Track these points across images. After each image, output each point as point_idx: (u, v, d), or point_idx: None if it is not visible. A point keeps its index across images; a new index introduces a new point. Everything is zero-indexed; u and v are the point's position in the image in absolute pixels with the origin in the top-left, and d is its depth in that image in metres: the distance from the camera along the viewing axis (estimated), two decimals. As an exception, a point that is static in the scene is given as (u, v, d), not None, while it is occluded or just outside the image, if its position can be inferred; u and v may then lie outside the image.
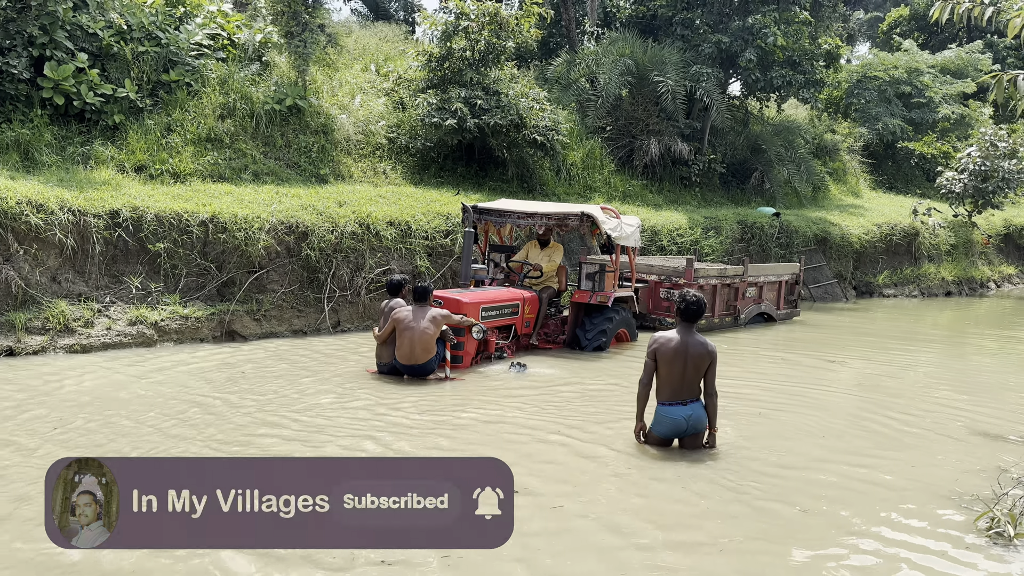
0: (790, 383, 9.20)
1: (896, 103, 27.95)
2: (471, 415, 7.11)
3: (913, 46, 30.59)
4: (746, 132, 22.23)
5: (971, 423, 7.56)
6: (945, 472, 6.02)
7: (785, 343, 12.41)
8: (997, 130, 22.38)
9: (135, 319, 9.74)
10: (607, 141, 19.78)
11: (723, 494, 5.33)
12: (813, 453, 6.37)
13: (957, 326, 16.06)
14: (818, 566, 4.35)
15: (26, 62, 11.69)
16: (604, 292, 10.53)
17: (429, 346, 8.28)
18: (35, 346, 8.98)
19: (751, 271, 13.78)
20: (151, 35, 13.34)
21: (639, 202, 18.44)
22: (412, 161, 16.17)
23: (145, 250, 10.29)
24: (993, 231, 24.35)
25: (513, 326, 10.06)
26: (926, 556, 4.53)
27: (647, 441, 6.27)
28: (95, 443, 5.95)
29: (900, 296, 20.57)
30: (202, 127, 13.25)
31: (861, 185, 27.17)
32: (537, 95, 16.61)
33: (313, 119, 14.85)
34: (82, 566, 4.03)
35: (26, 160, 11.40)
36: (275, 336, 10.83)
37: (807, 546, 4.60)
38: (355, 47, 19.83)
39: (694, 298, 6.14)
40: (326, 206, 11.98)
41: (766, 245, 18.52)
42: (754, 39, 19.34)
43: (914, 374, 10.21)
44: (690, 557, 4.39)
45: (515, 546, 4.42)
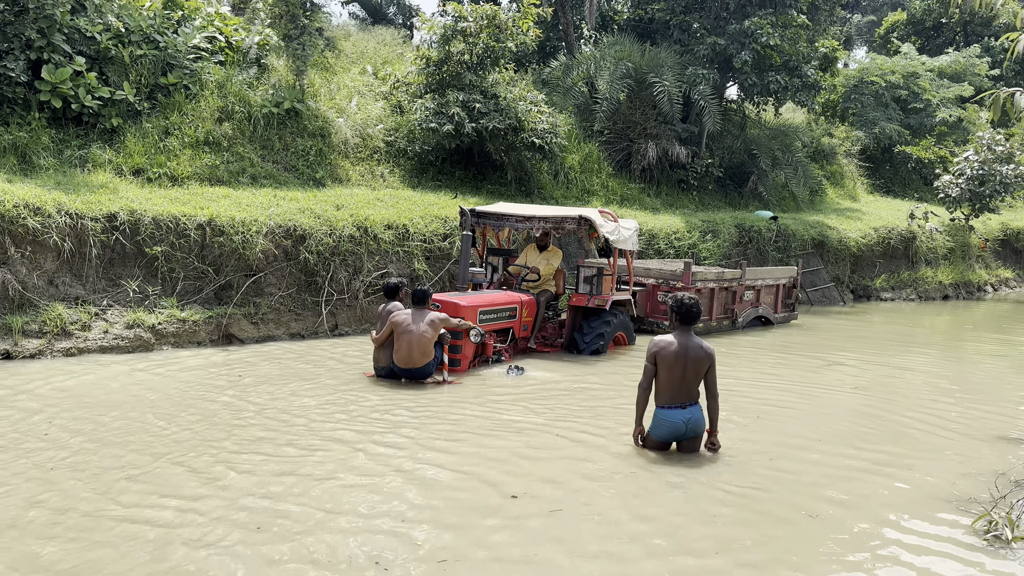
0: (788, 386, 9.20)
1: (893, 107, 28.02)
2: (468, 419, 7.10)
3: (911, 50, 30.67)
4: (743, 136, 22.27)
5: (968, 426, 7.57)
6: (943, 475, 6.02)
7: (783, 346, 12.41)
8: (994, 134, 22.44)
9: (132, 322, 9.73)
10: (605, 145, 19.82)
11: (723, 498, 5.32)
12: (812, 456, 6.37)
13: (954, 330, 16.08)
14: (817, 568, 4.34)
15: (23, 65, 11.68)
16: (602, 295, 10.53)
17: (427, 350, 8.28)
18: (32, 349, 8.96)
19: (748, 274, 13.80)
20: (149, 38, 13.35)
21: (637, 206, 18.46)
22: (410, 164, 16.18)
23: (142, 253, 10.28)
24: (990, 235, 24.41)
25: (511, 329, 10.06)
26: (924, 558, 4.52)
27: (645, 445, 6.27)
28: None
29: (897, 300, 20.59)
30: (200, 130, 13.25)
31: (859, 189, 27.22)
32: (535, 98, 16.63)
33: (311, 122, 14.86)
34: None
35: (23, 163, 11.39)
36: (273, 339, 10.81)
37: (806, 549, 4.60)
38: (353, 51, 19.85)
39: (690, 300, 6.15)
40: (324, 209, 11.98)
41: (763, 249, 18.54)
42: (750, 41, 19.39)
43: (911, 377, 10.21)
44: (692, 561, 4.38)
45: (515, 550, 4.41)
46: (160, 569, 4.06)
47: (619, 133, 20.12)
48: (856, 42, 42.10)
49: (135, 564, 4.10)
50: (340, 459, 5.83)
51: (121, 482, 5.22)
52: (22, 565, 4.06)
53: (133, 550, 4.24)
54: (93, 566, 4.07)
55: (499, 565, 4.23)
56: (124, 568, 4.06)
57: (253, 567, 4.11)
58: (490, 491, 5.27)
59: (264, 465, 5.64)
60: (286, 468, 5.60)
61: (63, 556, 4.16)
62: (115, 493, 5.03)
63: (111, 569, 4.05)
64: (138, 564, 4.10)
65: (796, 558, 4.47)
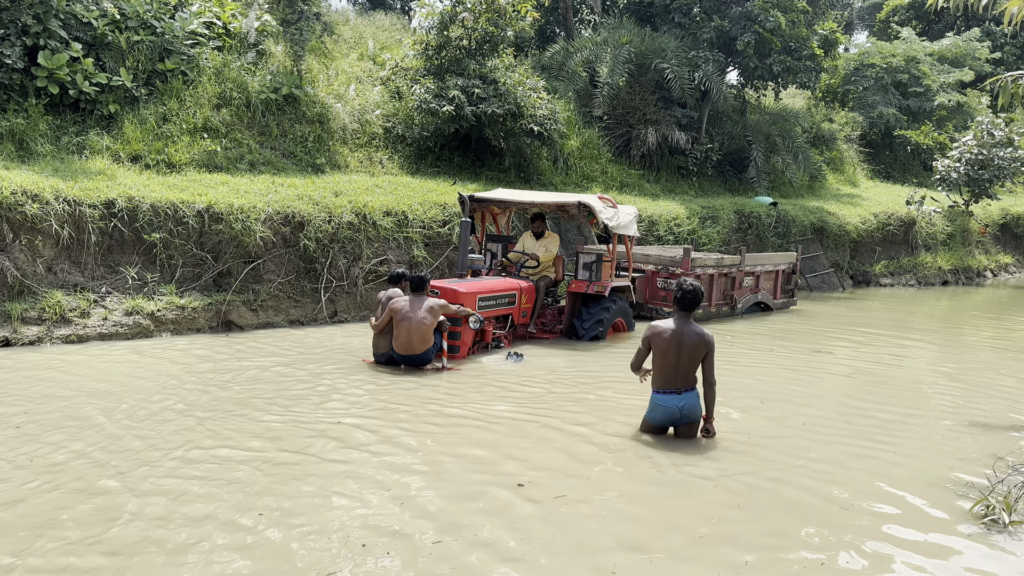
0: (786, 373, 9.21)
1: (893, 92, 27.92)
2: (466, 406, 7.11)
3: (911, 34, 30.51)
4: (743, 121, 22.20)
5: (967, 411, 7.59)
6: (941, 460, 6.04)
7: (782, 333, 12.42)
8: (994, 119, 22.38)
9: (132, 309, 9.73)
10: (604, 130, 19.75)
11: (722, 482, 5.34)
12: (809, 442, 6.38)
13: (953, 315, 16.09)
14: (812, 552, 4.36)
15: (20, 51, 11.62)
16: (601, 282, 10.53)
17: (426, 336, 8.29)
18: (31, 336, 8.97)
19: (748, 260, 13.78)
20: (146, 24, 13.27)
21: (636, 192, 18.42)
22: (408, 151, 16.13)
23: (141, 240, 10.26)
24: (990, 220, 24.38)
25: (510, 316, 10.07)
26: (921, 543, 4.54)
27: (642, 428, 6.30)
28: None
29: (897, 285, 20.59)
30: (197, 116, 13.20)
31: (858, 174, 27.17)
32: (534, 83, 16.55)
33: (309, 108, 14.80)
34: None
35: (21, 150, 11.35)
36: (272, 326, 10.82)
37: (804, 534, 4.62)
38: (351, 36, 19.75)
39: (690, 286, 6.14)
40: (322, 196, 11.95)
41: (763, 235, 18.52)
42: (752, 24, 19.29)
43: (910, 363, 10.23)
44: (693, 547, 4.40)
45: (517, 539, 4.43)
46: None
47: (619, 119, 20.06)
48: (857, 26, 41.89)
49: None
50: (331, 447, 5.84)
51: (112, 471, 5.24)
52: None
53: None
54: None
55: (503, 549, 4.25)
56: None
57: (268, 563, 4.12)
58: (499, 478, 5.29)
59: (260, 455, 5.65)
60: (288, 459, 5.61)
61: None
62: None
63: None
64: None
65: (792, 541, 4.49)
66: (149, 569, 3.92)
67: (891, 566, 4.26)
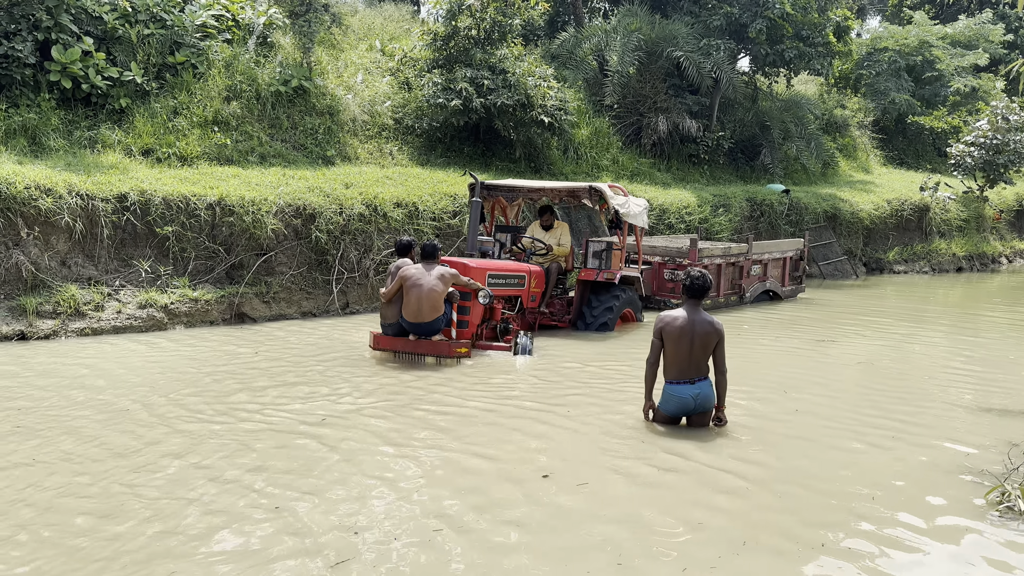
0: (798, 361, 9.18)
1: (906, 77, 27.62)
2: (476, 398, 7.11)
3: (924, 18, 30.15)
4: (755, 108, 22.04)
5: (982, 398, 7.54)
6: (956, 446, 6.01)
7: (792, 321, 12.37)
8: (1009, 103, 22.13)
9: (145, 302, 9.80)
10: (615, 119, 19.66)
11: (738, 470, 5.33)
12: (822, 430, 6.36)
13: (968, 302, 15.97)
14: (827, 538, 4.35)
15: (32, 46, 11.67)
16: (611, 270, 10.50)
17: (437, 304, 8.19)
18: (46, 330, 9.05)
19: (755, 248, 13.70)
20: (156, 17, 13.29)
21: (647, 181, 18.33)
22: (418, 142, 16.12)
23: (153, 233, 10.33)
24: (1005, 206, 24.16)
25: (519, 298, 9.99)
26: (936, 529, 4.53)
27: (655, 419, 6.29)
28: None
29: (911, 272, 20.46)
30: (208, 110, 13.23)
31: (872, 161, 26.94)
32: (544, 73, 16.48)
33: (319, 100, 14.81)
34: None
35: (33, 145, 11.42)
36: (284, 318, 10.88)
37: (815, 519, 4.60)
38: (360, 27, 19.72)
39: (699, 274, 6.13)
40: (333, 188, 11.98)
41: (775, 222, 18.43)
42: (763, 10, 19.13)
43: (924, 350, 10.17)
44: (706, 537, 4.41)
45: (528, 529, 4.45)
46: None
47: (629, 107, 19.95)
48: (869, 12, 41.44)
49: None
50: (340, 445, 5.88)
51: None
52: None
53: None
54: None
55: (513, 537, 4.27)
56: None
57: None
58: (523, 470, 5.31)
59: (278, 453, 5.69)
60: (305, 457, 5.65)
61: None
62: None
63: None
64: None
65: (805, 529, 4.48)
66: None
67: (905, 552, 4.25)
